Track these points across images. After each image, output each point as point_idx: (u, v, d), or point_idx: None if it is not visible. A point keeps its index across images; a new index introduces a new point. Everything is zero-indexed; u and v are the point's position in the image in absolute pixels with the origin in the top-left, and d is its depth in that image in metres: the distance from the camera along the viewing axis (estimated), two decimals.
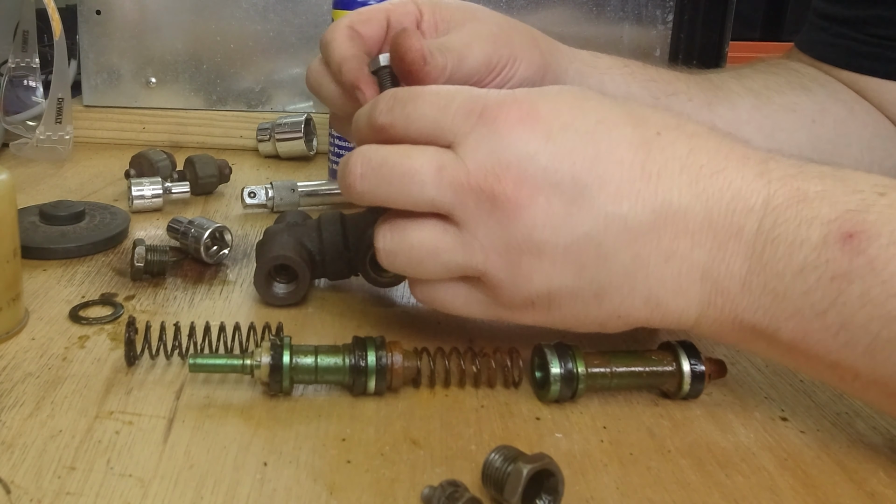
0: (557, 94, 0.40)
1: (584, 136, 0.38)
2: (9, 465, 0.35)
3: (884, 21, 0.62)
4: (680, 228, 0.38)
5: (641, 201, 0.37)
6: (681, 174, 0.38)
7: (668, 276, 0.38)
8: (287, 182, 0.69)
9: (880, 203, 0.35)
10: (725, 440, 0.39)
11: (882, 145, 0.63)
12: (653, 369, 0.41)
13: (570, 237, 0.37)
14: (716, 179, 0.38)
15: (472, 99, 0.39)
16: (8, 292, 0.45)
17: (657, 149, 0.38)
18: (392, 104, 0.40)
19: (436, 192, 0.38)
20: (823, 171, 0.38)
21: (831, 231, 0.35)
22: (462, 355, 0.42)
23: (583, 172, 0.37)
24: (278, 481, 0.35)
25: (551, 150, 0.37)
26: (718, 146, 0.39)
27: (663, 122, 0.40)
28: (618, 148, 0.38)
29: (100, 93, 0.92)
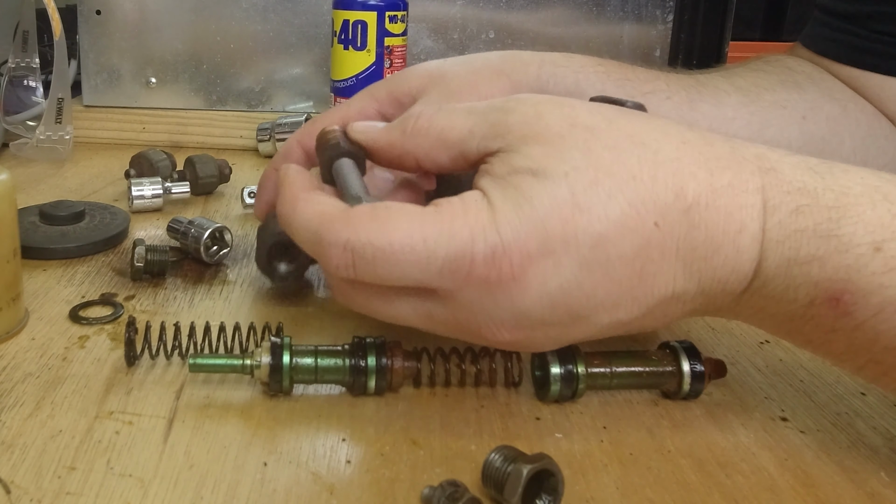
0: (546, 217, 0.34)
1: (578, 273, 0.35)
2: (9, 465, 0.35)
3: (886, 17, 0.62)
4: (672, 306, 0.37)
5: (637, 304, 0.36)
6: (676, 262, 0.36)
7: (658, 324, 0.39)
8: None
9: (873, 265, 0.34)
10: (725, 440, 0.39)
11: (875, 143, 0.63)
12: (653, 369, 0.41)
13: (565, 343, 0.38)
14: (710, 261, 0.36)
15: (455, 257, 0.34)
16: (8, 292, 0.45)
17: (655, 246, 0.36)
18: (352, 262, 0.35)
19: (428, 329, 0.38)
20: (820, 219, 0.35)
21: (818, 295, 0.35)
22: (462, 355, 0.42)
23: (579, 309, 0.35)
24: (278, 481, 0.35)
25: (546, 301, 0.35)
26: (717, 217, 0.36)
27: (662, 199, 0.36)
28: (615, 271, 0.35)
29: (100, 93, 0.92)
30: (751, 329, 0.50)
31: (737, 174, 0.37)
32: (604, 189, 0.35)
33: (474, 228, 0.34)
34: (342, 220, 0.35)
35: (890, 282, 0.34)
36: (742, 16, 1.38)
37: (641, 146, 0.37)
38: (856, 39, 0.64)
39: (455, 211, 0.35)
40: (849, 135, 0.62)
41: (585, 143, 0.36)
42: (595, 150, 0.36)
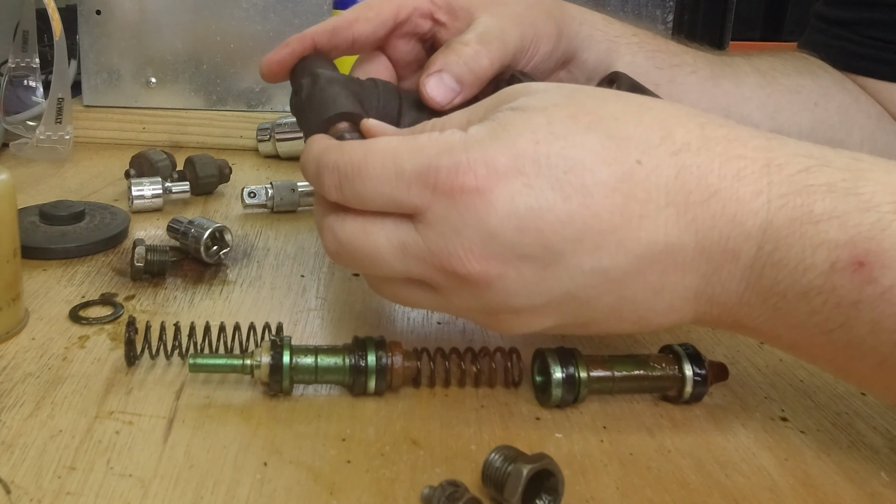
0: (517, 137, 0.34)
1: (550, 196, 0.34)
2: (9, 465, 0.35)
3: (879, 23, 0.63)
4: (668, 264, 0.35)
5: (623, 250, 0.34)
6: (667, 207, 0.34)
7: (658, 304, 0.36)
8: (287, 182, 0.69)
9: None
10: (725, 440, 0.39)
11: (884, 138, 0.64)
12: (655, 374, 0.41)
13: (547, 297, 0.36)
14: (707, 206, 0.34)
15: (423, 169, 0.35)
16: (8, 292, 0.45)
17: (638, 183, 0.34)
18: (339, 181, 0.37)
19: (404, 269, 0.37)
20: (833, 180, 0.33)
21: (840, 257, 0.32)
22: (462, 355, 0.42)
23: (553, 239, 0.34)
24: (278, 481, 0.35)
25: (515, 223, 0.34)
26: (710, 161, 0.35)
27: (646, 139, 0.35)
28: (592, 199, 0.34)
29: (100, 93, 0.92)
30: None
31: (735, 134, 0.35)
32: (582, 123, 0.35)
33: (441, 146, 0.35)
34: (336, 148, 0.38)
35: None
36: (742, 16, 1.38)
37: (626, 99, 0.37)
38: (850, 45, 0.65)
39: (430, 134, 0.36)
40: (858, 126, 0.63)
41: (570, 91, 0.37)
42: (578, 97, 0.36)
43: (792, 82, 0.62)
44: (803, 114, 0.61)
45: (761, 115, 0.59)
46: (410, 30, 0.50)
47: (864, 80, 0.65)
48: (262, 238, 0.63)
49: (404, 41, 0.51)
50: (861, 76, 0.65)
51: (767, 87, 0.61)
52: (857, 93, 0.65)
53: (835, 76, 0.65)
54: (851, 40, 0.65)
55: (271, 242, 0.62)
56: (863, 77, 0.65)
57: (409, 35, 0.50)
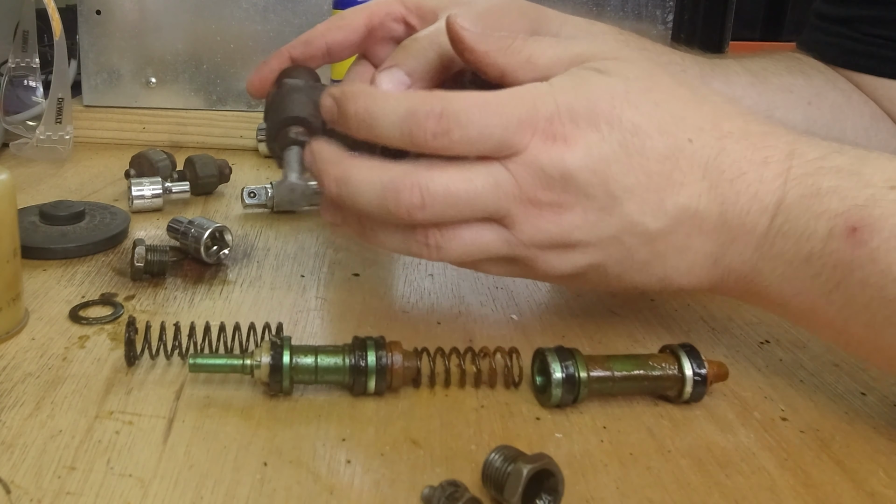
0: (599, 97, 0.40)
1: (616, 149, 0.40)
2: (9, 465, 0.35)
3: (878, 20, 0.63)
4: (695, 228, 0.41)
5: (662, 210, 0.41)
6: (703, 180, 0.41)
7: (681, 264, 0.43)
8: None
9: (888, 198, 0.37)
10: (725, 440, 0.39)
11: (878, 136, 0.64)
12: (655, 374, 0.41)
13: (600, 237, 0.42)
14: (735, 184, 0.41)
15: (527, 115, 0.40)
16: (8, 292, 0.45)
17: (685, 157, 0.41)
18: (447, 126, 0.39)
19: (495, 207, 0.41)
20: (842, 164, 0.39)
21: (837, 224, 0.38)
22: (462, 355, 0.42)
23: (614, 186, 0.40)
24: (278, 481, 0.35)
25: (589, 166, 0.40)
26: (745, 149, 0.41)
27: (699, 123, 0.41)
28: (647, 161, 0.40)
29: (100, 93, 0.92)
30: (751, 329, 0.50)
31: (771, 130, 0.42)
32: (654, 97, 0.41)
33: (536, 99, 0.40)
34: (437, 95, 0.40)
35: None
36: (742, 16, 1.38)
37: (694, 89, 0.43)
38: (849, 42, 0.65)
39: (518, 88, 0.41)
40: (851, 124, 0.63)
41: (652, 70, 0.43)
42: (657, 75, 0.43)
43: (784, 82, 0.63)
44: (797, 112, 0.62)
45: None
46: (386, 34, 0.52)
47: (862, 77, 0.65)
48: (262, 238, 0.63)
49: (382, 45, 0.52)
50: (859, 73, 0.65)
51: (759, 85, 0.62)
52: (850, 91, 0.65)
53: (827, 76, 0.65)
54: (850, 37, 0.65)
55: (271, 242, 0.62)
56: (861, 74, 0.65)
57: (385, 39, 0.52)
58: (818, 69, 0.66)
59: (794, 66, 0.65)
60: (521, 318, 0.51)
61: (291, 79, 0.48)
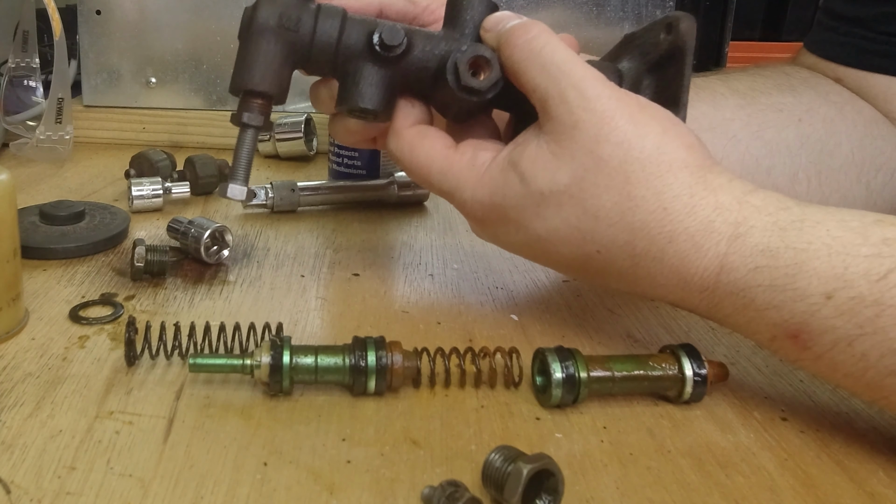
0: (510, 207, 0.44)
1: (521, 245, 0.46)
2: (9, 465, 0.35)
3: (892, 18, 0.62)
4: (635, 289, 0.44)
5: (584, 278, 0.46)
6: (619, 280, 0.44)
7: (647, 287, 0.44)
8: (287, 182, 0.69)
9: (824, 311, 0.37)
10: (725, 440, 0.39)
11: (873, 144, 0.64)
12: (655, 374, 0.41)
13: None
14: (656, 290, 0.42)
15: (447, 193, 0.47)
16: (8, 292, 0.45)
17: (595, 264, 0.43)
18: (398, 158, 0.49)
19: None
20: (776, 275, 0.38)
21: (778, 333, 0.39)
22: (462, 355, 0.42)
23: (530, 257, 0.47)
24: (278, 481, 0.35)
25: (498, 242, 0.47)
26: (660, 269, 0.41)
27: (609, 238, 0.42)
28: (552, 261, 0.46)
29: (100, 93, 0.92)
30: None
31: (699, 242, 0.40)
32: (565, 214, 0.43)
33: (457, 184, 0.46)
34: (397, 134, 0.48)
35: (841, 323, 0.37)
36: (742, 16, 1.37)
37: (623, 195, 0.41)
38: (862, 42, 0.65)
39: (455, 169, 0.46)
40: (846, 136, 0.63)
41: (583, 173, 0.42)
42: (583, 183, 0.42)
43: (773, 100, 0.63)
44: (789, 130, 0.62)
45: (746, 133, 0.60)
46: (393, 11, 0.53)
47: (877, 78, 0.64)
48: (262, 238, 0.63)
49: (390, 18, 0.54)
50: (874, 73, 0.64)
51: (748, 107, 0.61)
52: (842, 104, 0.64)
53: (818, 90, 0.65)
54: (865, 37, 0.65)
55: (271, 242, 0.62)
56: (875, 74, 0.64)
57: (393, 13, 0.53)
58: (808, 83, 0.65)
59: (783, 83, 0.65)
60: (521, 318, 0.51)
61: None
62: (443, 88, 0.46)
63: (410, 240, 0.64)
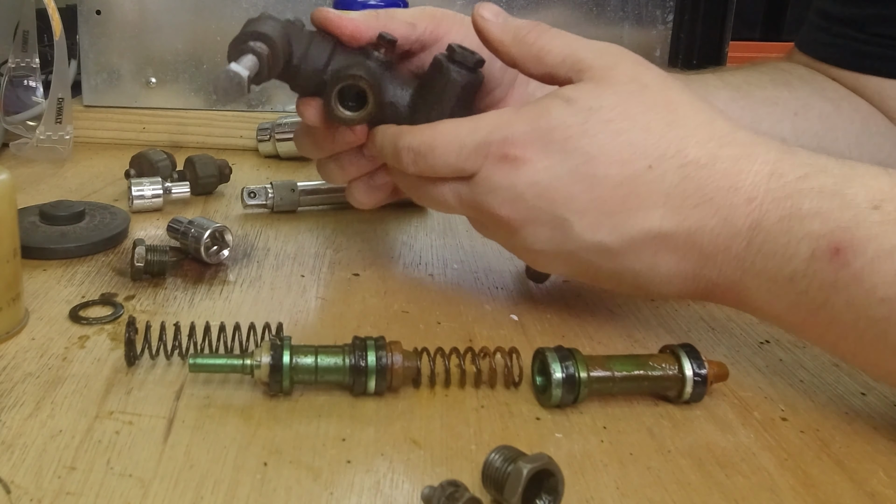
0: (554, 126, 0.43)
1: (565, 177, 0.43)
2: (9, 465, 0.35)
3: (885, 20, 0.62)
4: (661, 247, 0.43)
5: (618, 230, 0.43)
6: (664, 205, 0.42)
7: (656, 277, 0.44)
8: (287, 182, 0.69)
9: (871, 218, 0.37)
10: (725, 440, 0.39)
11: (871, 140, 0.64)
12: (655, 374, 0.41)
13: (557, 250, 0.45)
14: (700, 209, 0.41)
15: (479, 143, 0.45)
16: (8, 292, 0.45)
17: (643, 183, 0.42)
18: (414, 158, 0.47)
19: (461, 210, 0.48)
20: (824, 184, 0.39)
21: (820, 246, 0.38)
22: (462, 355, 0.42)
23: (562, 209, 0.43)
24: (278, 481, 0.35)
25: (537, 189, 0.43)
26: (710, 175, 0.41)
27: (663, 149, 0.42)
28: (600, 185, 0.42)
29: (100, 93, 0.92)
30: (751, 329, 0.50)
31: (748, 150, 0.41)
32: (615, 127, 0.42)
33: (493, 124, 0.45)
34: (408, 131, 0.48)
35: (884, 234, 0.36)
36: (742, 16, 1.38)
37: (670, 112, 0.43)
38: (854, 43, 0.65)
39: (488, 114, 0.46)
40: (843, 132, 0.63)
41: (627, 95, 0.43)
42: (629, 102, 0.43)
43: (768, 94, 0.63)
44: (784, 124, 0.62)
45: None
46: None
47: (869, 80, 0.64)
48: (262, 238, 0.63)
49: None
50: (867, 75, 0.64)
51: (741, 100, 0.62)
52: (839, 100, 0.64)
53: (814, 85, 0.65)
54: (857, 38, 0.64)
55: (271, 242, 0.62)
56: (868, 76, 0.64)
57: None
58: (804, 79, 0.65)
59: (779, 78, 0.65)
60: (521, 318, 0.51)
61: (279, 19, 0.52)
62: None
63: (410, 240, 0.64)
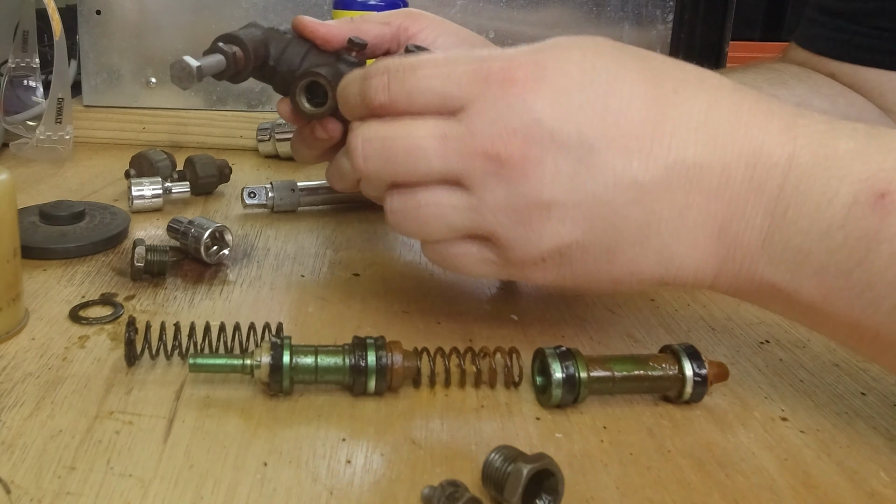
0: (566, 49, 0.38)
1: (591, 95, 0.37)
2: (9, 465, 0.35)
3: (885, 12, 0.63)
4: (695, 184, 0.37)
5: (653, 159, 0.37)
6: (697, 131, 0.37)
7: (683, 231, 0.38)
8: (287, 182, 0.69)
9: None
10: (725, 440, 0.39)
11: None
12: (655, 374, 0.41)
13: (579, 195, 0.37)
14: (735, 135, 0.37)
15: (475, 64, 0.38)
16: (8, 292, 0.45)
17: (672, 106, 0.37)
18: (388, 80, 0.39)
19: (442, 164, 0.38)
20: (856, 127, 0.36)
21: (863, 190, 0.34)
22: (462, 355, 0.42)
23: (590, 132, 0.37)
24: (278, 481, 0.35)
25: (557, 112, 0.37)
26: (741, 101, 0.38)
27: (682, 76, 0.39)
28: (629, 107, 0.37)
29: (100, 93, 0.92)
30: (751, 329, 0.50)
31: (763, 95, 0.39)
32: (629, 53, 0.39)
33: (491, 52, 0.39)
34: (384, 61, 0.41)
35: None
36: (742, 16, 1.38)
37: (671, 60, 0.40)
38: (855, 37, 0.65)
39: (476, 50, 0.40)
40: None
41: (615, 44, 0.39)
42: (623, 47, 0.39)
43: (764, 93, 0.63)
44: None
45: None
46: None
47: (868, 72, 0.64)
48: (262, 238, 0.63)
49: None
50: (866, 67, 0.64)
51: None
52: (835, 96, 0.64)
53: (809, 84, 0.65)
54: (858, 32, 0.64)
55: (271, 242, 0.62)
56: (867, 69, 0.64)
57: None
58: (799, 78, 0.65)
59: (775, 78, 0.65)
60: (520, 318, 0.51)
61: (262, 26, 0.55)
62: None
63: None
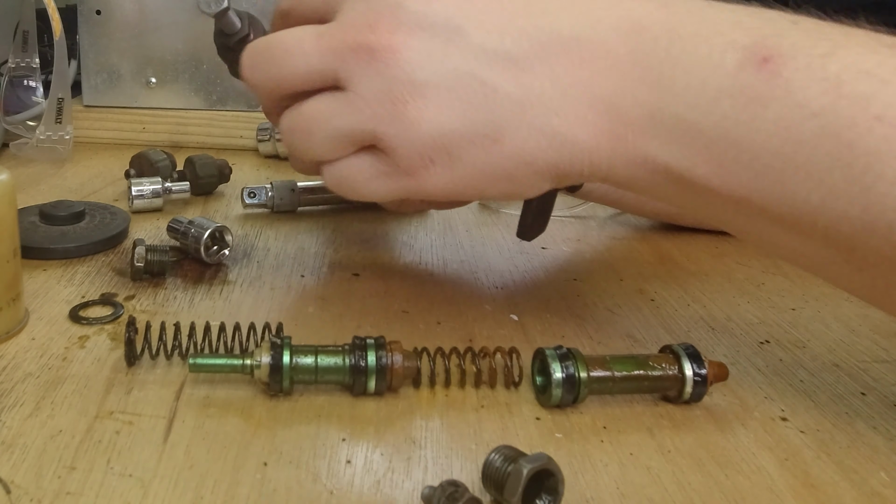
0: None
1: None
2: (9, 465, 0.35)
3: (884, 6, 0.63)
4: (575, 58, 0.37)
5: (525, 35, 0.37)
6: (572, 7, 0.38)
7: (567, 107, 0.38)
8: (287, 182, 0.69)
9: (794, 30, 0.35)
10: (725, 440, 0.39)
11: None
12: (655, 374, 0.41)
13: (451, 75, 0.37)
14: (612, 11, 0.38)
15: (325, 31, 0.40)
16: (8, 292, 0.45)
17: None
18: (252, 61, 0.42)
19: (318, 59, 0.39)
20: (735, 6, 0.37)
21: (747, 56, 0.35)
22: (462, 355, 0.42)
23: (456, 13, 0.37)
24: (278, 481, 0.35)
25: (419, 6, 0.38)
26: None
27: None
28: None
29: (100, 93, 0.92)
30: (751, 329, 0.50)
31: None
32: None
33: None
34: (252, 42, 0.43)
35: (811, 44, 0.34)
36: None
37: None
38: None
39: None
40: None
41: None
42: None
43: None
44: None
45: None
46: None
47: None
48: (262, 238, 0.63)
49: None
50: None
51: None
52: None
53: None
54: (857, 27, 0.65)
55: (271, 242, 0.62)
56: None
57: None
58: None
59: None
60: (521, 318, 0.51)
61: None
62: None
63: (410, 240, 0.64)
